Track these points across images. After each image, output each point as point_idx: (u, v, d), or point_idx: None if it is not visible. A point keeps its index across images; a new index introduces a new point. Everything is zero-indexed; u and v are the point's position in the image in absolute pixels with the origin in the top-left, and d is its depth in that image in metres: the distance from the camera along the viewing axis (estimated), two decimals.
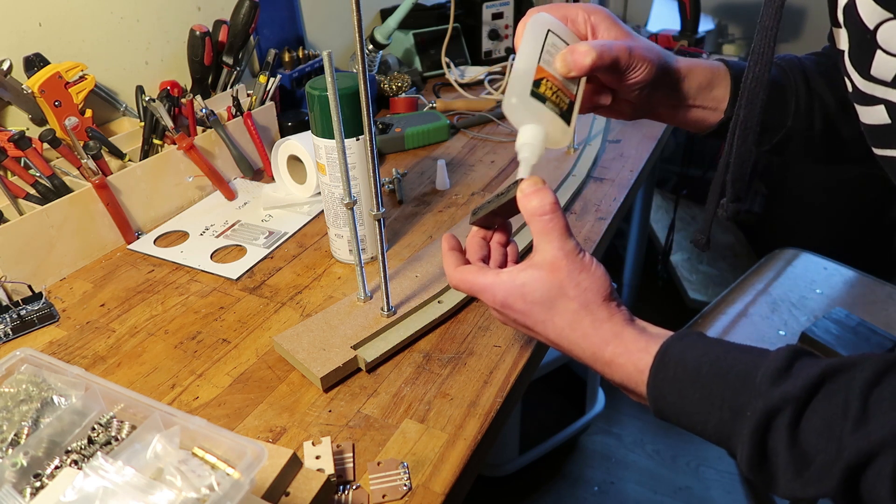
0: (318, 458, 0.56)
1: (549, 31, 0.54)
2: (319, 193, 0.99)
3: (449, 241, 0.58)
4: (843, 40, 0.50)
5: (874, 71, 0.47)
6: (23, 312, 0.76)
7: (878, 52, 0.46)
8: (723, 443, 0.46)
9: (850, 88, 0.51)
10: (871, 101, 0.49)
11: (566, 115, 0.54)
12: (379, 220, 0.66)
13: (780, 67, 0.66)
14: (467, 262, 0.56)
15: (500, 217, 0.56)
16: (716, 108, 0.65)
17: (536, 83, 0.52)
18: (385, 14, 1.50)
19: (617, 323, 0.50)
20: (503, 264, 0.58)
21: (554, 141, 0.53)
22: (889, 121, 0.49)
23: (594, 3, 0.62)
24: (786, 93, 0.65)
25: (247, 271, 0.83)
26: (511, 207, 0.52)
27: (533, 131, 0.52)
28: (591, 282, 0.49)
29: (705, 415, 0.45)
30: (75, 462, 0.45)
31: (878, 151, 0.52)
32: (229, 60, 1.08)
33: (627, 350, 0.48)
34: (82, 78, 0.92)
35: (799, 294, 1.36)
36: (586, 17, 0.57)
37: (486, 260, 0.58)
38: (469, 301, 0.75)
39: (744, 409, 0.43)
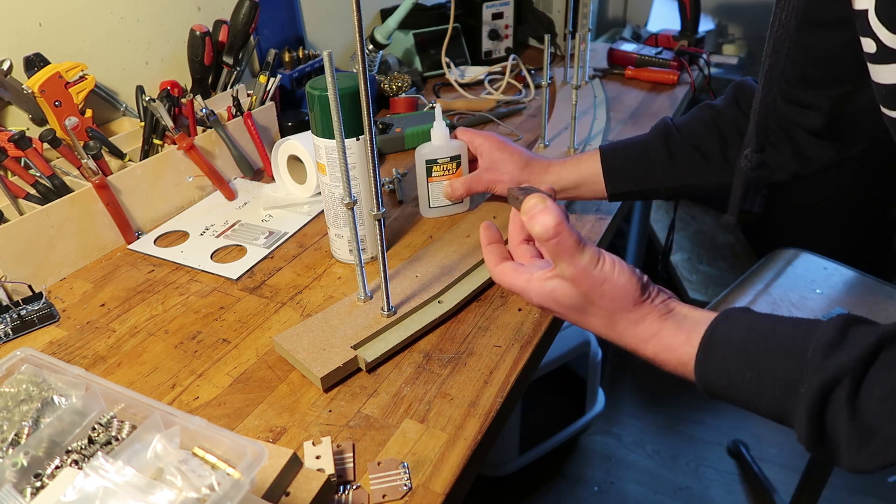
0: (318, 458, 0.56)
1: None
2: (319, 193, 0.99)
3: (488, 235, 0.59)
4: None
5: None
6: (23, 312, 0.76)
7: None
8: (782, 421, 0.45)
9: (871, 49, 0.49)
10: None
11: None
12: (379, 220, 0.66)
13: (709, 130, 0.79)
14: (507, 255, 0.59)
15: None
16: (598, 188, 0.82)
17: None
18: (385, 14, 1.50)
19: (652, 322, 0.49)
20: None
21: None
22: None
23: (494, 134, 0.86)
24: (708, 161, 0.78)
25: (247, 271, 0.83)
26: None
27: None
28: (615, 291, 0.49)
29: (757, 395, 0.44)
30: (76, 462, 0.45)
31: (890, 113, 0.51)
32: (229, 60, 1.08)
33: (668, 347, 0.49)
34: (82, 78, 0.92)
35: (799, 294, 1.36)
36: (480, 142, 0.85)
37: (529, 240, 0.59)
38: (469, 301, 0.75)
39: (797, 386, 0.41)
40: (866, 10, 0.49)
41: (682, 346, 0.48)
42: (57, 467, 0.44)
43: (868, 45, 0.50)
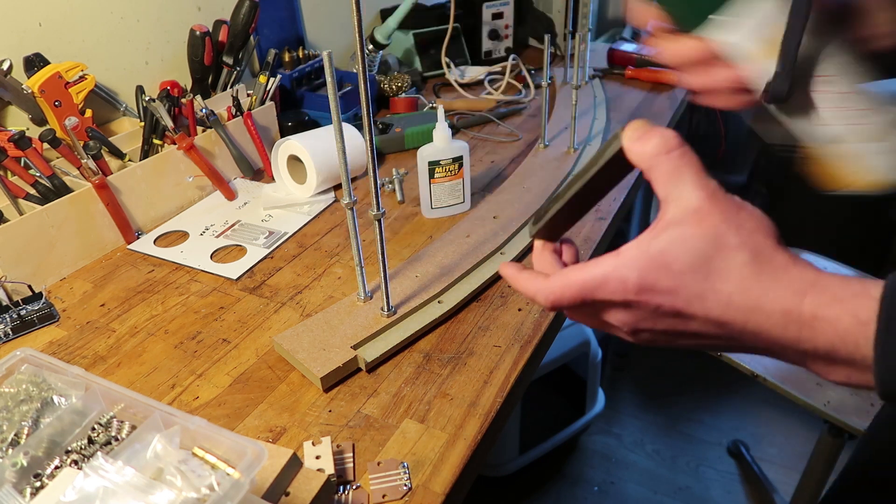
0: (318, 458, 0.56)
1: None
2: (319, 193, 0.99)
3: (511, 266, 0.45)
4: None
5: None
6: (23, 312, 0.76)
7: None
8: None
9: None
10: None
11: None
12: (378, 220, 0.66)
13: None
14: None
15: (569, 220, 0.45)
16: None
17: None
18: (385, 14, 1.50)
19: (807, 268, 0.36)
20: None
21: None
22: None
23: None
24: None
25: (247, 271, 0.83)
26: (601, 181, 0.41)
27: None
28: (755, 221, 0.36)
29: None
30: (75, 462, 0.45)
31: None
32: (229, 60, 1.08)
33: (836, 297, 0.34)
34: (82, 78, 0.92)
35: None
36: None
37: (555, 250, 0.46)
38: (469, 301, 0.75)
39: None
40: None
41: (858, 296, 0.33)
42: (57, 467, 0.44)
43: None
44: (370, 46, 1.30)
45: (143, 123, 0.97)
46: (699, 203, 0.36)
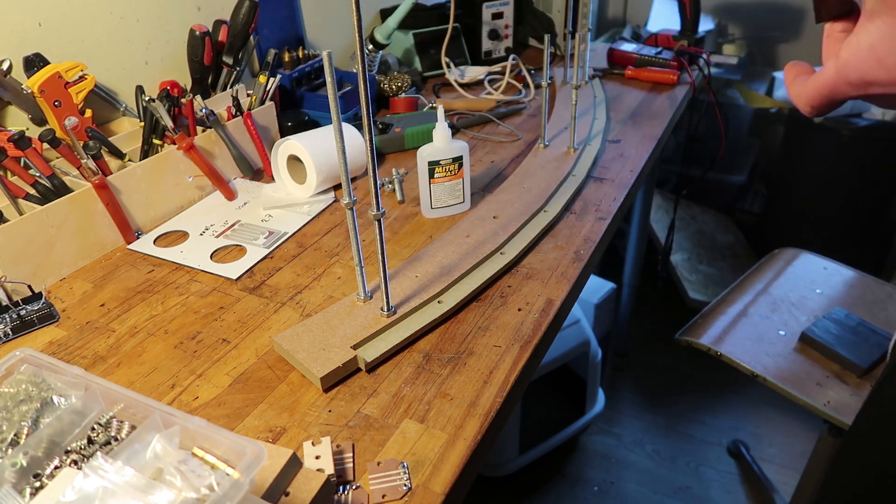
0: (317, 458, 0.56)
1: None
2: (319, 193, 0.99)
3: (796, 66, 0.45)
4: None
5: None
6: (23, 312, 0.76)
7: None
8: None
9: None
10: None
11: None
12: (378, 220, 0.66)
13: None
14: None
15: None
16: None
17: None
18: (385, 14, 1.50)
19: None
20: None
21: None
22: None
23: None
24: None
25: (247, 271, 0.83)
26: None
27: None
28: None
29: None
30: (75, 462, 0.45)
31: None
32: (229, 60, 1.08)
33: None
34: (82, 78, 0.92)
35: (799, 294, 1.36)
36: None
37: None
38: (469, 301, 0.75)
39: None
40: None
41: None
42: (56, 467, 0.44)
43: None
44: (370, 46, 1.30)
45: (142, 123, 0.97)
46: None
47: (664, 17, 2.06)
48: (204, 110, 0.98)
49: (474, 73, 1.42)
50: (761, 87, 2.11)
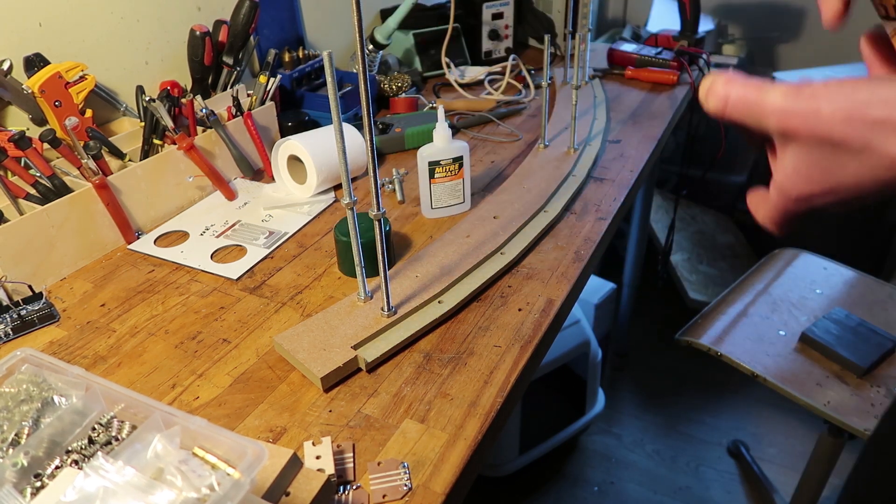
0: (318, 458, 0.56)
1: None
2: (320, 193, 0.99)
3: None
4: None
5: None
6: (23, 312, 0.76)
7: None
8: None
9: None
10: None
11: None
12: (379, 220, 0.66)
13: None
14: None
15: None
16: None
17: None
18: (385, 14, 1.50)
19: None
20: None
21: None
22: None
23: None
24: None
25: (247, 271, 0.83)
26: None
27: None
28: None
29: None
30: (76, 462, 0.45)
31: None
32: (229, 60, 1.08)
33: None
34: (82, 78, 0.92)
35: (799, 294, 1.36)
36: None
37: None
38: (469, 301, 0.75)
39: None
40: None
41: None
42: (57, 467, 0.44)
43: None
44: (370, 46, 1.30)
45: (143, 123, 0.97)
46: None
47: (664, 18, 2.06)
48: (204, 110, 0.98)
49: (474, 73, 1.42)
50: None
